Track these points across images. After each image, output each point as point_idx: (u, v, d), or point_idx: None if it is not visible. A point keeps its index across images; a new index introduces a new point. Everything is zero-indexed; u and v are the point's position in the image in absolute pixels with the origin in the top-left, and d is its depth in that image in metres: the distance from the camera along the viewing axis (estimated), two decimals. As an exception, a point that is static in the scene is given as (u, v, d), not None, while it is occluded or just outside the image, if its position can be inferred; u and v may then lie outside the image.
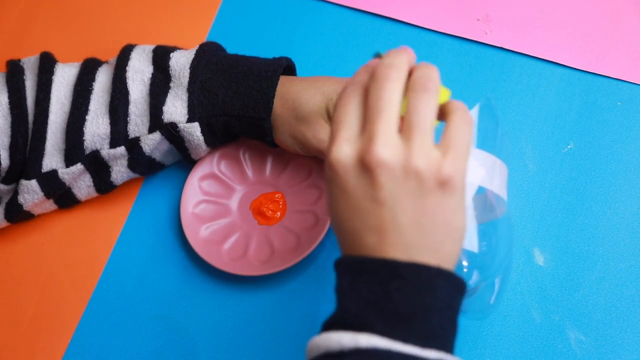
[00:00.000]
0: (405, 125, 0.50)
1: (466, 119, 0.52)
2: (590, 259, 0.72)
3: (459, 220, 0.52)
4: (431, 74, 0.52)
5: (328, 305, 0.73)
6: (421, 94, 0.51)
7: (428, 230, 0.50)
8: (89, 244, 0.78)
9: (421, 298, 0.49)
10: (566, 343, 0.69)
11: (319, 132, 0.71)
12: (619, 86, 0.78)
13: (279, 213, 0.76)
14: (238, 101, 0.72)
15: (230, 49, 0.79)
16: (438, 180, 0.50)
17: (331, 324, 0.51)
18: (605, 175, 0.75)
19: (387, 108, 0.50)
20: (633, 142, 0.76)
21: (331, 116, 0.71)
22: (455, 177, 0.50)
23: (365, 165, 0.49)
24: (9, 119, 0.74)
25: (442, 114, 0.53)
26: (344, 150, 0.50)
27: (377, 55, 0.54)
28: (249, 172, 0.78)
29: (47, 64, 0.75)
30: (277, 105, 0.72)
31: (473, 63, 0.81)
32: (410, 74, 0.53)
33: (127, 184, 0.79)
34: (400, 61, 0.52)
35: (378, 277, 0.50)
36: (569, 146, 0.77)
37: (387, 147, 0.49)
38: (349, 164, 0.50)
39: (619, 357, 0.69)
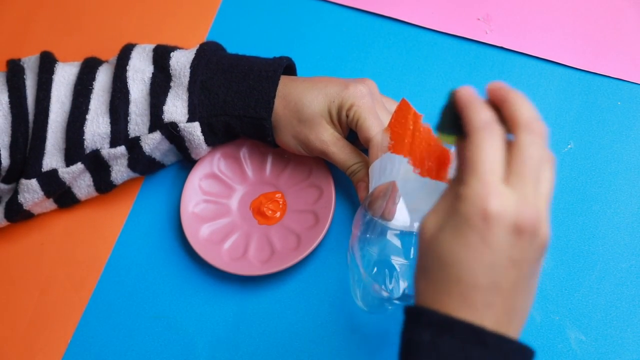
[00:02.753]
0: (538, 193, 0.50)
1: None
2: (590, 259, 0.72)
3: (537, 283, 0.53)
4: (547, 150, 0.52)
5: (328, 305, 0.73)
6: (550, 166, 0.51)
7: (530, 295, 0.51)
8: (89, 244, 0.78)
9: None
10: (566, 343, 0.69)
11: (321, 134, 0.71)
12: (619, 86, 0.78)
13: (279, 213, 0.76)
14: (239, 101, 0.72)
15: (231, 49, 0.79)
16: (547, 247, 0.51)
17: None
18: (605, 175, 0.75)
19: (537, 169, 0.50)
20: (633, 142, 0.76)
21: (334, 118, 0.71)
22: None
23: (520, 228, 0.48)
24: (9, 118, 0.74)
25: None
26: (503, 206, 0.48)
27: (452, 94, 0.53)
28: (249, 171, 0.78)
29: (47, 63, 0.75)
30: (279, 106, 0.72)
31: (473, 63, 0.81)
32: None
33: (127, 183, 0.79)
34: (539, 114, 0.51)
35: (462, 342, 0.49)
36: (569, 146, 0.77)
37: (537, 212, 0.49)
38: (506, 222, 0.48)
39: (619, 357, 0.69)
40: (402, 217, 0.68)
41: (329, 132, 0.71)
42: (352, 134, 0.74)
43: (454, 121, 0.52)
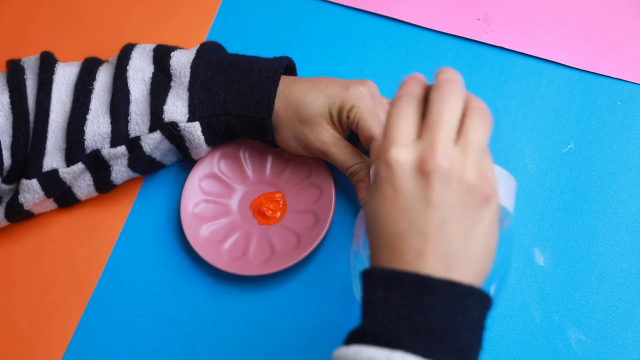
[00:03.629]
0: (462, 140, 0.52)
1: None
2: (590, 259, 0.72)
3: (494, 237, 0.53)
4: (482, 104, 0.54)
5: (328, 305, 0.73)
6: (479, 117, 0.53)
7: (470, 241, 0.51)
8: (89, 244, 0.78)
9: (453, 316, 0.50)
10: (566, 343, 0.69)
11: (322, 134, 0.71)
12: (619, 86, 0.78)
13: (279, 213, 0.76)
14: (239, 101, 0.72)
15: (231, 49, 0.79)
16: (483, 196, 0.52)
17: (361, 336, 0.51)
18: (605, 175, 0.75)
19: (448, 120, 0.52)
20: (633, 142, 0.76)
21: (334, 119, 0.71)
22: (495, 194, 0.53)
23: (424, 170, 0.51)
24: (10, 118, 0.74)
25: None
26: (404, 153, 0.51)
27: None
28: (249, 171, 0.78)
29: (47, 64, 0.75)
30: (280, 106, 0.72)
31: (473, 63, 0.81)
32: None
33: (127, 184, 0.79)
34: (460, 80, 0.54)
35: (412, 292, 0.50)
36: (569, 146, 0.77)
37: (446, 156, 0.51)
38: (407, 166, 0.51)
39: (619, 357, 0.69)
40: None
41: (329, 132, 0.71)
42: (354, 135, 0.74)
43: None
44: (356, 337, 0.51)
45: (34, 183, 0.74)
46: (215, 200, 0.77)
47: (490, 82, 0.80)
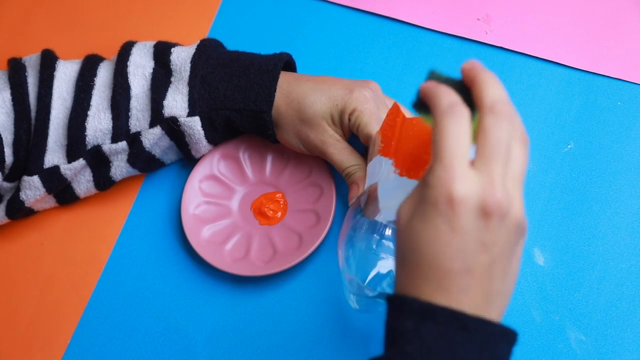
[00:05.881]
0: (511, 172, 0.50)
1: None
2: (590, 259, 0.72)
3: (520, 265, 0.53)
4: (522, 124, 0.52)
5: (329, 305, 0.73)
6: (522, 142, 0.51)
7: (508, 278, 0.51)
8: (89, 244, 0.78)
9: (482, 355, 0.49)
10: (566, 343, 0.69)
11: (322, 134, 0.71)
12: (619, 86, 0.78)
13: (279, 213, 0.76)
14: (239, 95, 0.73)
15: (230, 48, 0.79)
16: (523, 230, 0.51)
17: None
18: (605, 175, 0.75)
19: (506, 151, 0.49)
20: (633, 142, 0.76)
21: (335, 121, 0.71)
22: (527, 223, 0.51)
23: (486, 212, 0.48)
24: (12, 115, 0.74)
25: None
26: (467, 189, 0.48)
27: (433, 74, 0.53)
28: (249, 172, 0.78)
29: (48, 61, 0.76)
30: (282, 104, 0.72)
31: (473, 63, 0.81)
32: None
33: (127, 183, 0.79)
34: (508, 97, 0.51)
35: (445, 327, 0.49)
36: (569, 146, 0.77)
37: (505, 195, 0.49)
38: (470, 205, 0.48)
39: (619, 357, 0.69)
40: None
41: (329, 133, 0.71)
42: (354, 135, 0.74)
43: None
44: None
45: (35, 180, 0.74)
46: (215, 202, 0.77)
47: (490, 82, 0.80)
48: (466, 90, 0.52)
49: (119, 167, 0.75)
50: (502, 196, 0.48)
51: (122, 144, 0.74)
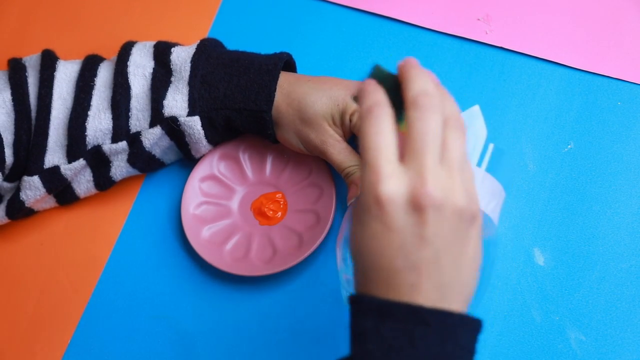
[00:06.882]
0: (446, 160, 0.50)
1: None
2: (590, 259, 0.72)
3: (480, 252, 0.52)
4: (456, 109, 0.51)
5: (330, 305, 0.73)
6: (455, 128, 0.50)
7: (461, 266, 0.51)
8: (89, 244, 0.78)
9: (444, 346, 0.49)
10: (566, 343, 0.70)
11: (322, 134, 0.71)
12: (619, 86, 0.78)
13: (279, 213, 0.76)
14: (239, 94, 0.73)
15: (230, 48, 0.79)
16: (471, 216, 0.50)
17: None
18: (605, 175, 0.75)
19: (434, 142, 0.49)
20: (633, 142, 0.76)
21: (336, 121, 0.71)
22: (479, 209, 0.51)
23: (418, 206, 0.48)
24: (12, 115, 0.74)
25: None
26: (394, 187, 0.48)
27: (376, 69, 0.53)
28: (249, 172, 0.78)
29: (48, 61, 0.76)
30: (282, 103, 0.72)
31: (473, 63, 0.81)
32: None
33: (127, 183, 0.79)
34: (434, 88, 0.51)
35: (404, 322, 0.49)
36: (569, 146, 0.77)
37: (437, 186, 0.48)
38: (399, 202, 0.48)
39: (619, 357, 0.69)
40: None
41: (329, 133, 0.72)
42: (355, 136, 0.74)
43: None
44: None
45: (35, 180, 0.74)
46: (215, 202, 0.77)
47: (490, 82, 0.80)
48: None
49: (119, 167, 0.75)
50: (433, 187, 0.48)
51: (122, 144, 0.74)
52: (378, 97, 0.51)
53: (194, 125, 0.73)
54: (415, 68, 0.52)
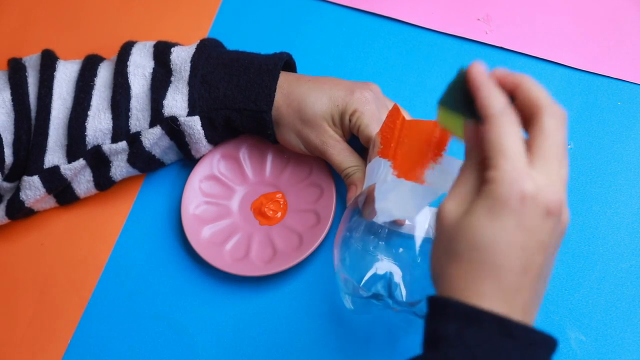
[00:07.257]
0: (561, 176, 0.50)
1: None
2: (590, 259, 0.72)
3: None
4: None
5: (328, 305, 0.73)
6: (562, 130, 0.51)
7: (547, 281, 0.52)
8: (89, 244, 0.78)
9: None
10: (566, 343, 0.69)
11: (322, 135, 0.72)
12: (619, 86, 0.78)
13: (279, 213, 0.76)
14: (239, 94, 0.73)
15: (230, 48, 0.79)
16: (564, 233, 0.52)
17: None
18: (606, 175, 0.75)
19: (562, 153, 0.50)
20: (633, 142, 0.76)
21: (336, 121, 0.71)
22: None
23: (552, 212, 0.49)
24: (12, 115, 0.74)
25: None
26: (537, 187, 0.49)
27: (461, 73, 0.53)
28: (249, 172, 0.78)
29: (48, 61, 0.76)
30: (282, 104, 0.72)
31: (473, 63, 0.81)
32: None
33: (127, 183, 0.79)
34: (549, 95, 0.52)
35: (490, 332, 0.48)
36: (569, 146, 0.77)
37: (562, 196, 0.50)
38: (540, 204, 0.49)
39: (619, 357, 0.69)
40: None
41: (329, 133, 0.72)
42: (355, 136, 0.74)
43: (462, 100, 0.52)
44: None
45: (35, 180, 0.74)
46: (215, 202, 0.77)
47: (490, 82, 0.80)
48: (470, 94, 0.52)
49: (119, 167, 0.75)
50: (560, 197, 0.49)
51: (122, 144, 0.74)
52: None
53: (194, 125, 0.73)
54: (528, 76, 0.53)
